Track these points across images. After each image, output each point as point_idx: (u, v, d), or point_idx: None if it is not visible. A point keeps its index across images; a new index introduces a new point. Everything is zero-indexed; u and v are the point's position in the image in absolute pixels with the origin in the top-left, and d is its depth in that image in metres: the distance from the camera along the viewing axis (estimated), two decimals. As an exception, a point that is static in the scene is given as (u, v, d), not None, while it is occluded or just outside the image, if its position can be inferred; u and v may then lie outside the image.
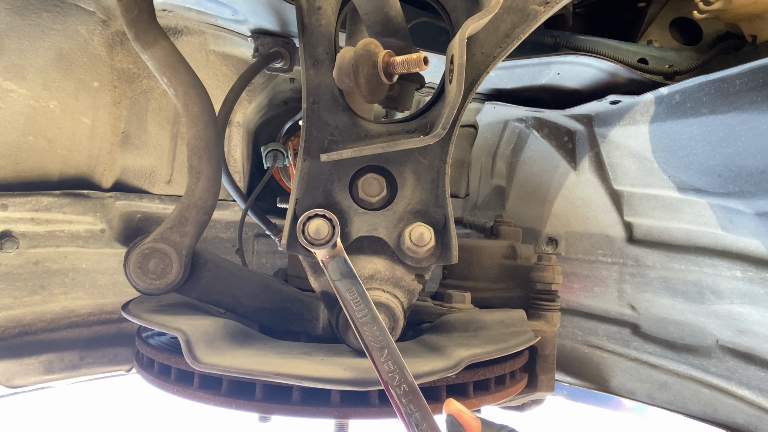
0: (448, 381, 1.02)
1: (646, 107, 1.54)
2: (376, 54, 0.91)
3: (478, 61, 1.06)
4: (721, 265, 1.53)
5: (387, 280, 1.05)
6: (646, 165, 1.62)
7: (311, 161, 1.07)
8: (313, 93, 1.06)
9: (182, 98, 1.13)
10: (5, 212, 1.52)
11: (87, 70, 1.56)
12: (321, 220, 0.94)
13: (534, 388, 1.27)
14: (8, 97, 1.46)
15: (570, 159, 1.85)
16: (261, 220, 1.78)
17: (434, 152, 1.06)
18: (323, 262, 0.94)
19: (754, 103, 1.26)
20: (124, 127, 1.70)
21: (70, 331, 1.72)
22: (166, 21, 1.59)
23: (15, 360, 1.60)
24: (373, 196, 1.05)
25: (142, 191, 1.77)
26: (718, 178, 1.42)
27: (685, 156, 1.48)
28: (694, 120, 1.41)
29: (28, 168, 1.55)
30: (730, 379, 1.59)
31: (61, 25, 1.47)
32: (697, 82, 1.37)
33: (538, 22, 1.07)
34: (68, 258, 1.67)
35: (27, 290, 1.61)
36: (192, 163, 1.13)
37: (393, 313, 0.99)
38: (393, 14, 1.03)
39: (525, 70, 1.58)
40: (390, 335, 0.88)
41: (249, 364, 0.91)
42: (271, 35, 1.58)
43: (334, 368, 0.93)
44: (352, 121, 1.07)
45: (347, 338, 0.99)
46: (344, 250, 0.95)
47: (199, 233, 1.13)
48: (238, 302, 1.18)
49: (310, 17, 1.07)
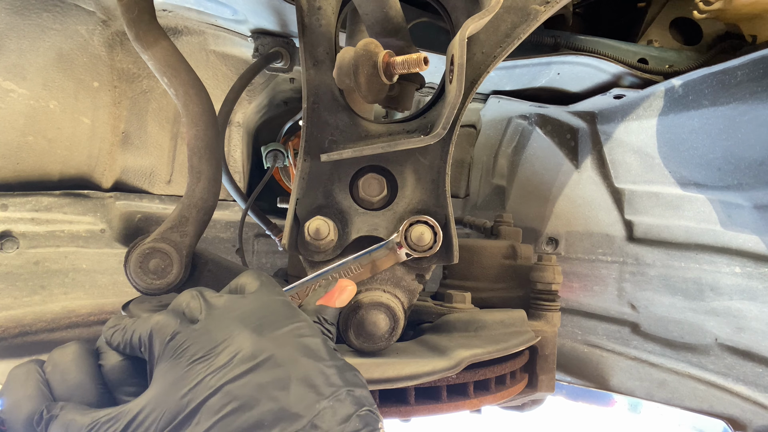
0: (449, 381, 1.02)
1: (649, 102, 1.55)
2: (376, 54, 0.91)
3: (478, 60, 1.06)
4: (720, 261, 1.53)
5: (387, 280, 1.05)
6: (648, 161, 1.62)
7: (311, 161, 1.07)
8: (314, 93, 1.06)
9: (182, 98, 1.13)
10: (5, 212, 1.52)
11: (87, 70, 1.56)
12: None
13: (534, 388, 1.27)
14: (8, 97, 1.46)
15: (572, 157, 1.85)
16: (261, 220, 1.78)
17: (435, 152, 1.06)
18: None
19: (755, 93, 1.27)
20: (124, 127, 1.70)
21: (70, 331, 1.72)
22: (166, 21, 1.59)
23: (15, 360, 1.60)
24: (373, 196, 1.05)
25: (142, 191, 1.77)
26: (718, 172, 1.42)
27: (686, 150, 1.48)
28: (696, 113, 1.41)
29: (28, 168, 1.55)
30: (727, 376, 1.60)
31: (61, 25, 1.47)
32: (700, 74, 1.37)
33: (539, 22, 1.07)
34: (68, 258, 1.67)
35: (27, 290, 1.61)
36: (192, 163, 1.13)
37: (393, 313, 0.99)
38: (393, 14, 1.03)
39: (525, 70, 1.58)
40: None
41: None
42: (271, 35, 1.58)
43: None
44: (353, 121, 1.07)
45: (347, 338, 0.99)
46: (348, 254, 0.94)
47: (199, 233, 1.13)
48: (239, 302, 1.18)
49: (310, 17, 1.07)
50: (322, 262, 1.06)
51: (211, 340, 0.66)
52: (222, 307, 0.72)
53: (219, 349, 0.65)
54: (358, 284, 1.02)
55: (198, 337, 0.66)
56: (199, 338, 0.66)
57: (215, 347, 0.65)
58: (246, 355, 0.63)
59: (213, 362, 0.63)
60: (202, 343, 0.66)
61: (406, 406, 1.00)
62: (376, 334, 0.99)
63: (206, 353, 0.64)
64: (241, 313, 0.71)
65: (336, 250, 1.06)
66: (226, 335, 0.66)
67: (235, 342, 0.65)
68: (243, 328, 0.67)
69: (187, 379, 0.62)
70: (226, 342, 0.65)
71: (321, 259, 1.05)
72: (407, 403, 1.00)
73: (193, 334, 0.67)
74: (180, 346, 0.66)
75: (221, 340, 0.66)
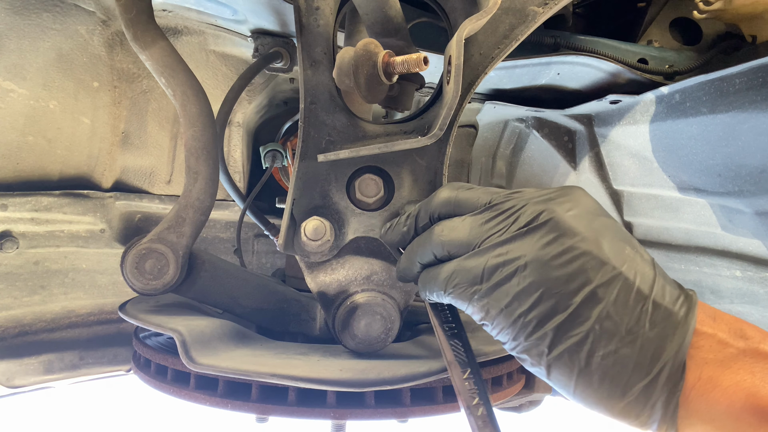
0: (445, 382, 1.02)
1: (645, 107, 1.54)
2: (376, 54, 0.91)
3: (476, 62, 1.06)
4: (720, 264, 1.52)
5: (383, 282, 1.05)
6: (646, 165, 1.61)
7: (308, 161, 1.06)
8: (311, 93, 1.06)
9: (180, 99, 1.13)
10: (5, 212, 1.52)
11: (87, 70, 1.56)
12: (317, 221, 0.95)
13: (531, 389, 1.27)
14: (8, 97, 1.46)
15: (570, 159, 1.85)
16: (259, 220, 1.78)
17: (432, 153, 1.06)
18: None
19: (754, 102, 1.26)
20: (124, 127, 1.70)
21: (70, 331, 1.72)
22: (166, 21, 1.59)
23: (15, 360, 1.61)
24: (370, 197, 1.05)
25: (142, 191, 1.78)
26: (718, 178, 1.41)
27: (685, 155, 1.48)
28: (694, 119, 1.40)
29: (28, 168, 1.55)
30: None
31: (61, 25, 1.47)
32: (697, 81, 1.36)
33: (537, 24, 1.06)
34: (68, 258, 1.68)
35: (27, 290, 1.61)
36: (189, 163, 1.13)
37: (389, 315, 0.99)
38: (393, 14, 1.02)
39: (525, 70, 1.58)
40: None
41: (244, 365, 0.91)
42: (271, 35, 1.58)
43: (329, 369, 0.93)
44: (350, 121, 1.06)
45: (343, 339, 0.99)
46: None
47: (196, 234, 1.13)
48: (236, 303, 1.18)
49: (308, 17, 1.07)
50: (319, 263, 1.06)
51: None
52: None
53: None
54: (356, 284, 1.02)
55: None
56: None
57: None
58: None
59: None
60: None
61: (402, 408, 0.99)
62: (372, 335, 0.99)
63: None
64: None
65: (332, 251, 1.06)
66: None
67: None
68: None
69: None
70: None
71: (317, 260, 1.05)
72: (403, 405, 1.00)
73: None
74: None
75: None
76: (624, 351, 0.60)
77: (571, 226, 0.64)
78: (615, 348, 0.60)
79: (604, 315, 0.61)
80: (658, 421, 0.61)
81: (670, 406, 0.60)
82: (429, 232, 0.78)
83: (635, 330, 0.60)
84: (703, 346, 0.61)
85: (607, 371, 0.61)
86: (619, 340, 0.60)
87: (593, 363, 0.61)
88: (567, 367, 0.62)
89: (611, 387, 0.61)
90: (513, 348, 0.66)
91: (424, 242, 0.78)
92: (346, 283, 1.07)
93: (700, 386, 0.59)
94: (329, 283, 1.07)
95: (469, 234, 0.71)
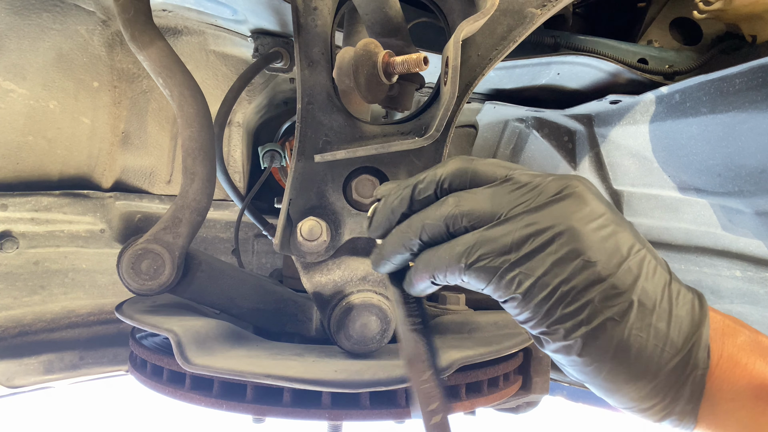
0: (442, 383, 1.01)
1: (645, 107, 1.53)
2: (375, 54, 0.91)
3: (473, 63, 1.05)
4: (720, 264, 1.52)
5: (379, 282, 1.05)
6: (646, 165, 1.61)
7: (305, 162, 1.06)
8: (308, 93, 1.06)
9: (177, 99, 1.13)
10: (5, 212, 1.53)
11: (87, 70, 1.56)
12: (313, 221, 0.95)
13: (528, 390, 1.27)
14: (8, 97, 1.47)
15: (570, 159, 1.84)
16: (258, 220, 1.78)
17: (429, 154, 1.06)
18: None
19: (754, 102, 1.25)
20: (124, 127, 1.70)
21: (70, 331, 1.73)
22: (166, 21, 1.60)
23: (15, 360, 1.61)
24: (366, 198, 1.05)
25: (142, 191, 1.78)
26: (718, 178, 1.41)
27: (685, 156, 1.47)
28: (694, 120, 1.40)
29: (28, 168, 1.55)
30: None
31: (61, 25, 1.48)
32: (696, 81, 1.36)
33: (535, 25, 1.06)
34: (68, 258, 1.68)
35: (27, 290, 1.62)
36: (186, 164, 1.13)
37: (384, 315, 0.99)
38: (393, 14, 1.02)
39: (525, 70, 1.58)
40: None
41: (239, 366, 0.91)
42: (271, 35, 1.58)
43: (324, 370, 0.93)
44: (347, 121, 1.06)
45: (339, 339, 0.99)
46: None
47: (192, 234, 1.13)
48: (233, 303, 1.18)
49: (306, 18, 1.06)
50: (315, 263, 1.06)
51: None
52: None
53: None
54: (351, 285, 1.02)
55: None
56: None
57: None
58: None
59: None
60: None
61: (398, 408, 0.99)
62: (367, 335, 0.99)
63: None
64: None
65: (328, 251, 1.05)
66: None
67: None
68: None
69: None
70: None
71: (313, 260, 1.05)
72: (399, 405, 1.00)
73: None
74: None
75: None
76: (660, 325, 0.60)
77: (596, 201, 0.64)
78: (652, 321, 0.60)
79: (640, 288, 0.60)
80: (683, 403, 0.60)
81: (698, 385, 0.59)
82: (441, 202, 0.71)
83: (666, 307, 0.60)
84: (717, 329, 0.62)
85: (645, 345, 0.59)
86: (656, 315, 0.60)
87: (632, 336, 0.59)
88: (605, 339, 0.59)
89: (648, 362, 0.59)
90: (543, 322, 0.62)
91: (432, 214, 0.69)
92: (342, 284, 1.07)
93: (722, 364, 0.60)
94: (325, 284, 1.07)
95: (492, 204, 0.67)
